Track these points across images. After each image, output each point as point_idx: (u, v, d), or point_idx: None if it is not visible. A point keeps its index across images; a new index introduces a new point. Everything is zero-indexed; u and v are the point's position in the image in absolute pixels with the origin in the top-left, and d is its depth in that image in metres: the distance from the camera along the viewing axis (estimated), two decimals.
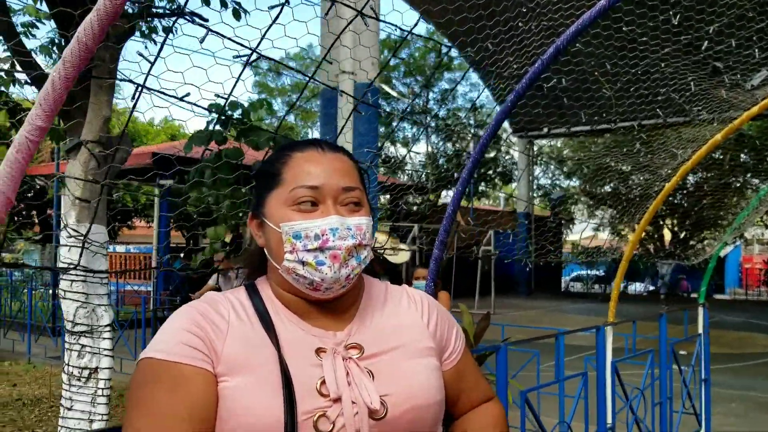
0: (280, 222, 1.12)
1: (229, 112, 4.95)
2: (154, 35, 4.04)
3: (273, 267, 1.16)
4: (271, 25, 2.11)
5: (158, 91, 2.40)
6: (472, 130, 29.08)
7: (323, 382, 1.05)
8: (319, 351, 1.09)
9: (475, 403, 1.30)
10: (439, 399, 1.14)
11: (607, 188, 28.73)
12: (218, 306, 1.12)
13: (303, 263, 1.09)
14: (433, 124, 30.28)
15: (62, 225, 2.82)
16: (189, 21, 2.60)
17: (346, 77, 6.20)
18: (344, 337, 1.13)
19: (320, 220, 1.10)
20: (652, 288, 28.47)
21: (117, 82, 2.95)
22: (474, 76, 26.66)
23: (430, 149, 29.82)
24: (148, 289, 15.12)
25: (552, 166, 33.16)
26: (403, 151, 30.44)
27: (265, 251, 1.18)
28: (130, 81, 2.48)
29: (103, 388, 2.90)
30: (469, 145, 29.48)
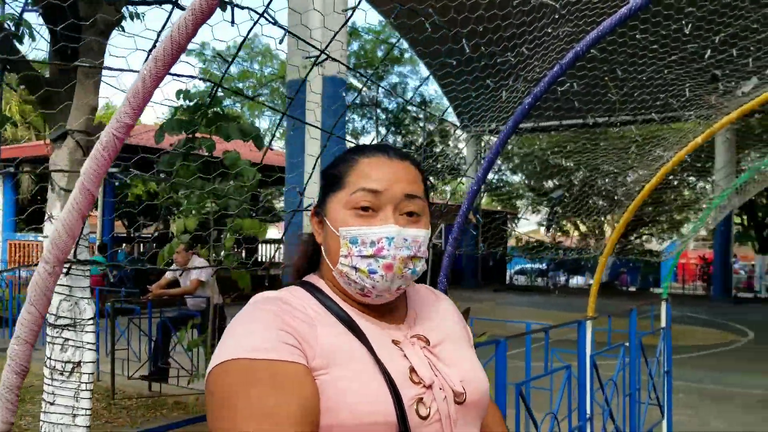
0: (340, 225, 1.12)
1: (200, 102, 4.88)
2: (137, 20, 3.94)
3: (328, 266, 1.16)
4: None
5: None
6: (422, 124, 29.32)
7: (412, 370, 1.06)
8: (395, 342, 1.11)
9: None
10: (488, 384, 1.21)
11: (551, 183, 29.57)
12: (294, 303, 1.09)
13: (356, 269, 1.10)
14: (383, 117, 30.38)
15: (47, 216, 2.73)
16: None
17: (315, 68, 6.14)
18: (406, 329, 1.15)
19: (378, 228, 1.10)
20: (592, 282, 29.33)
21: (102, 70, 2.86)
22: (425, 70, 26.82)
23: (378, 141, 29.86)
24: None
25: (498, 161, 33.77)
26: (352, 143, 30.43)
27: (322, 249, 1.18)
28: (120, 70, 2.42)
29: (86, 383, 2.82)
30: (419, 138, 29.68)
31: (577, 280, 30.28)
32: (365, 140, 32.52)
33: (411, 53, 26.75)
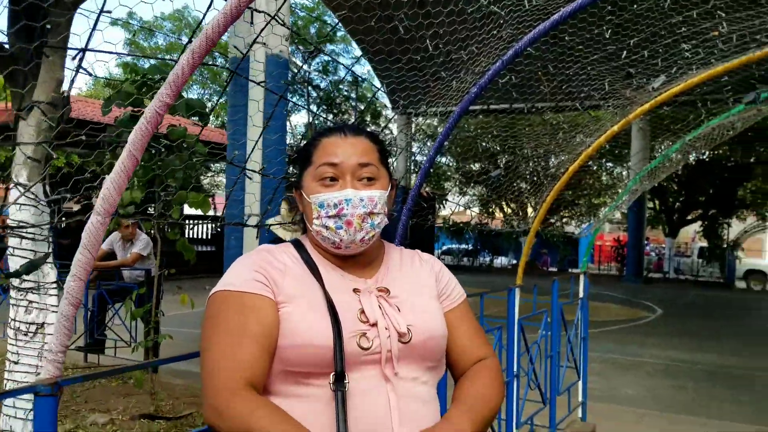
0: (310, 194, 1.42)
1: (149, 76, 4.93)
2: None
3: (308, 228, 1.46)
4: None
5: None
6: (354, 103, 29.42)
7: (362, 312, 1.34)
8: (355, 290, 1.39)
9: (474, 355, 1.50)
10: (444, 332, 1.45)
11: (475, 166, 30.35)
12: (275, 254, 1.42)
13: (326, 227, 1.39)
14: (314, 95, 30.28)
15: (12, 183, 2.82)
16: None
17: (259, 47, 6.24)
18: (373, 282, 1.44)
19: (338, 193, 1.39)
20: (515, 261, 30.40)
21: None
22: (358, 50, 26.88)
23: (311, 119, 29.79)
24: None
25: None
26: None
27: (303, 216, 1.49)
28: (85, 50, 2.54)
29: (50, 343, 2.95)
30: (350, 118, 29.77)
31: (501, 260, 31.30)
32: (297, 119, 32.30)
33: (344, 32, 26.75)
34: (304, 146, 1.52)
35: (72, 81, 2.53)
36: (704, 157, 25.02)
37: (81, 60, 2.67)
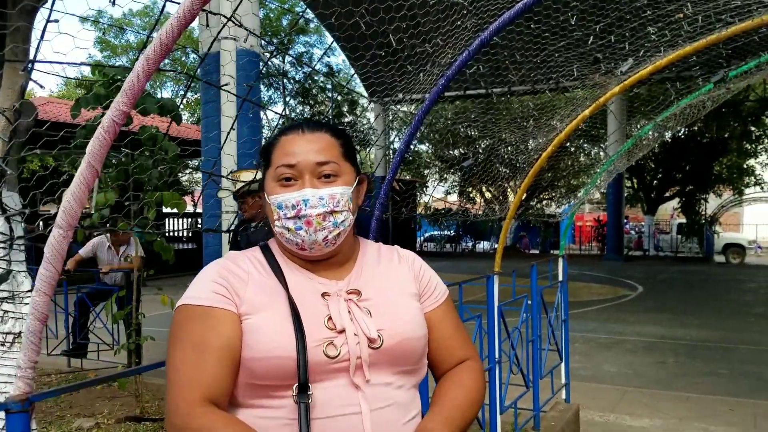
0: (269, 195, 1.37)
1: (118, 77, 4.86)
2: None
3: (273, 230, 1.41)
4: None
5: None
6: (329, 94, 29.29)
7: (330, 318, 1.29)
8: (324, 295, 1.34)
9: (456, 356, 1.46)
10: (422, 334, 1.39)
11: (456, 152, 30.44)
12: (239, 261, 1.38)
13: (287, 229, 1.34)
14: (290, 86, 30.09)
15: None
16: None
17: (229, 42, 6.19)
18: (344, 285, 1.38)
19: (296, 193, 1.33)
20: (497, 246, 30.55)
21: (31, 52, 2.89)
22: (330, 40, 26.72)
23: (287, 111, 29.62)
24: None
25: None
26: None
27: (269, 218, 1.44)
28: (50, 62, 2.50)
29: None
30: (327, 109, 29.64)
31: (483, 245, 31.48)
32: (273, 113, 32.10)
33: (317, 23, 26.58)
34: (264, 146, 1.46)
35: (23, 90, 2.48)
36: (680, 134, 25.28)
37: (31, 71, 2.65)
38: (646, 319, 10.60)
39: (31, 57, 2.94)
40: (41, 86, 2.43)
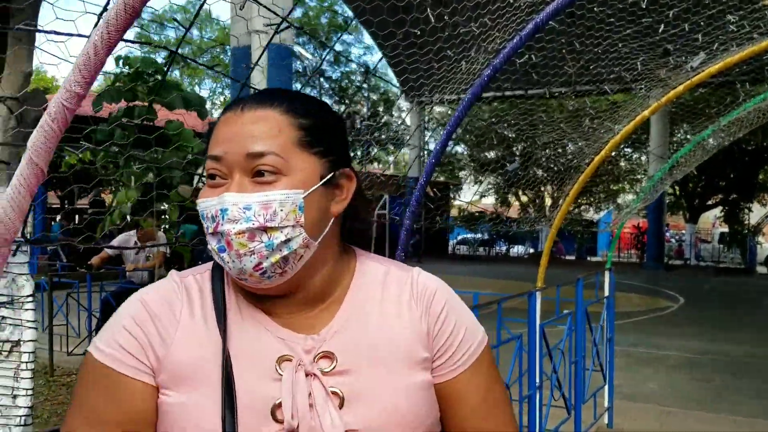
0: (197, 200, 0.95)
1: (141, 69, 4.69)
2: None
3: None
4: None
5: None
6: (365, 94, 29.13)
7: (279, 405, 0.88)
8: (282, 360, 0.91)
9: None
10: (428, 425, 0.96)
11: (491, 155, 29.96)
12: (172, 297, 0.96)
13: (213, 250, 0.92)
14: (326, 86, 30.02)
15: None
16: None
17: (258, 36, 5.98)
18: (317, 342, 0.94)
19: (214, 199, 0.90)
20: (532, 250, 30.07)
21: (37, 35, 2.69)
22: (369, 40, 26.61)
23: None
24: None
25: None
26: None
27: None
28: (55, 32, 2.28)
29: (27, 362, 2.72)
30: (363, 109, 29.51)
31: (517, 249, 31.01)
32: None
33: (355, 21, 26.43)
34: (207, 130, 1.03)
35: (29, 76, 2.26)
36: (731, 140, 24.52)
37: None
38: (689, 333, 10.13)
39: (39, 41, 2.73)
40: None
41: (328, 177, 0.94)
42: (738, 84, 3.65)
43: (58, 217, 18.48)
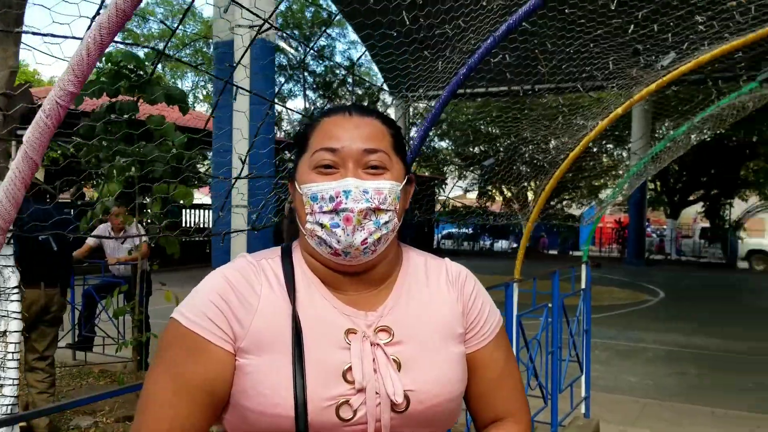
0: (302, 184, 1.12)
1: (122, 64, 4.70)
2: None
3: (301, 231, 1.16)
4: None
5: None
6: (350, 88, 29.09)
7: (349, 369, 1.04)
8: (348, 332, 1.08)
9: (496, 410, 1.22)
10: (460, 392, 1.15)
11: (477, 149, 30.11)
12: (251, 276, 1.12)
13: (321, 225, 1.09)
14: (310, 80, 29.93)
15: None
16: None
17: (243, 30, 5.98)
18: (375, 318, 1.12)
19: (336, 182, 1.09)
20: (515, 245, 30.25)
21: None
22: (353, 35, 26.57)
23: (307, 105, 29.50)
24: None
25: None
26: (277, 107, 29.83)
27: (296, 215, 1.18)
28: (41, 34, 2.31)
29: (12, 352, 2.75)
30: (347, 103, 29.37)
31: (501, 244, 31.16)
32: (292, 104, 32.04)
33: (339, 16, 26.36)
34: (302, 129, 1.22)
35: (14, 72, 2.29)
36: (706, 136, 24.75)
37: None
38: (668, 327, 10.30)
39: (27, 41, 2.77)
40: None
41: (407, 178, 1.17)
42: (710, 82, 3.75)
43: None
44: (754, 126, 24.44)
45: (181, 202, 5.10)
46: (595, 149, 27.05)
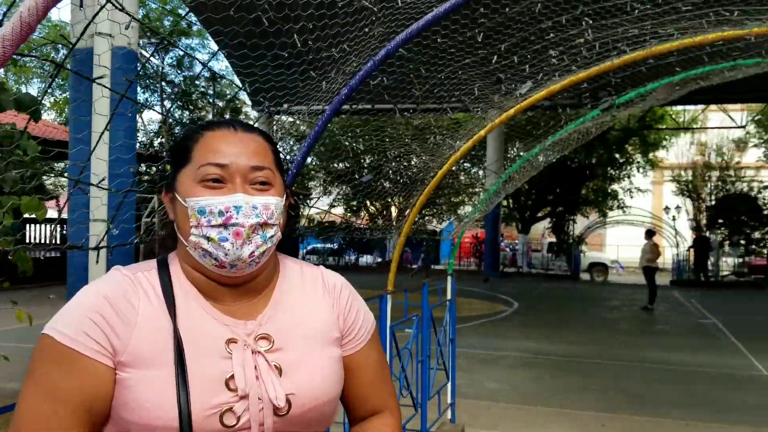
0: (187, 197, 1.13)
1: None
2: None
3: (181, 243, 1.17)
4: None
5: None
6: (210, 99, 28.37)
7: (232, 377, 1.08)
8: (229, 342, 1.12)
9: (373, 406, 1.31)
10: (338, 393, 1.22)
11: (340, 166, 30.44)
12: (127, 290, 1.12)
13: (208, 238, 1.11)
14: (169, 90, 28.88)
15: None
16: None
17: (104, 39, 5.73)
18: (255, 327, 1.16)
19: (225, 197, 1.11)
20: (380, 260, 30.84)
21: None
22: (214, 46, 25.96)
23: (164, 115, 28.37)
24: None
25: (291, 142, 33.81)
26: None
27: (175, 226, 1.19)
28: None
29: None
30: (208, 115, 28.69)
31: (366, 259, 31.62)
32: (149, 114, 30.68)
33: (199, 26, 25.70)
34: (181, 140, 1.22)
35: None
36: (552, 159, 26.67)
37: None
38: (523, 335, 10.95)
39: None
40: None
41: (287, 192, 1.23)
42: (560, 109, 4.13)
43: None
44: (593, 150, 26.79)
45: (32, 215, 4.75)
46: (454, 168, 28.30)
